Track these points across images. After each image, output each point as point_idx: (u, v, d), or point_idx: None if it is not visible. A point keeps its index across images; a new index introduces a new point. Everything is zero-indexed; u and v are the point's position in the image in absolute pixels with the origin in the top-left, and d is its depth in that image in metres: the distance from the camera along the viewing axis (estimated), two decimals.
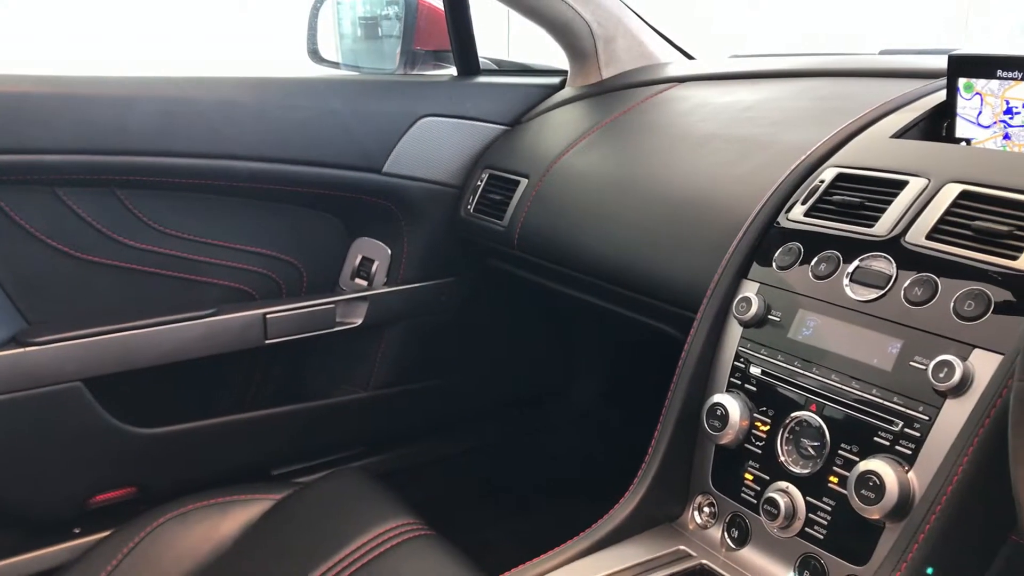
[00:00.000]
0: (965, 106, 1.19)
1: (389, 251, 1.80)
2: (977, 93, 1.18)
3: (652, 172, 1.48)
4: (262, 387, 1.79)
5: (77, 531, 1.61)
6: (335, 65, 1.97)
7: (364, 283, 1.81)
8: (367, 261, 1.81)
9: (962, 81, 1.19)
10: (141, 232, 1.61)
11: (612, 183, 1.52)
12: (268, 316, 1.66)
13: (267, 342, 1.67)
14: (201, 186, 1.62)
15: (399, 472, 1.88)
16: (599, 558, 1.07)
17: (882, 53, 1.73)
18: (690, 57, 1.97)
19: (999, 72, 1.15)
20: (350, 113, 1.68)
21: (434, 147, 1.77)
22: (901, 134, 1.21)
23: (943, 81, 1.23)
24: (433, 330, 1.87)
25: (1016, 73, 1.13)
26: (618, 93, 1.79)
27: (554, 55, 1.92)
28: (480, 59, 1.92)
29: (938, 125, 1.24)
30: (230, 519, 1.49)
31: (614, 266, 1.44)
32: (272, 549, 1.43)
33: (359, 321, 1.76)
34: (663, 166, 1.47)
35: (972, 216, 0.99)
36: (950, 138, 1.22)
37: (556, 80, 1.94)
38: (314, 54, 1.99)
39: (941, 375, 0.91)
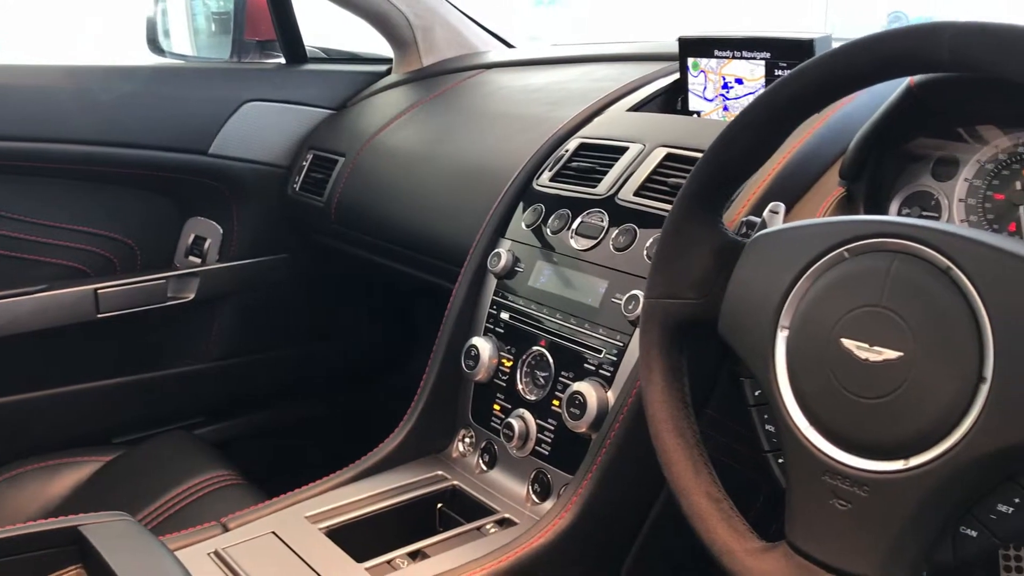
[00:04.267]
0: (694, 82, 1.36)
1: (221, 230, 1.91)
2: (702, 71, 1.35)
3: (448, 148, 1.62)
4: (102, 360, 1.87)
5: None
6: (162, 53, 2.06)
7: (198, 261, 1.91)
8: (200, 239, 1.92)
9: (691, 60, 1.36)
10: None
11: (416, 159, 1.66)
12: (99, 291, 1.76)
13: (99, 316, 1.76)
14: (30, 168, 1.71)
15: (239, 439, 1.99)
16: (364, 483, 1.20)
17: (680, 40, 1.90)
18: (510, 45, 2.12)
19: (716, 52, 1.32)
20: (173, 98, 1.79)
21: (260, 130, 1.88)
22: (638, 108, 1.37)
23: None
24: (269, 304, 1.99)
25: (728, 52, 1.30)
26: (434, 79, 1.93)
27: None
28: (308, 48, 2.04)
29: (676, 99, 1.41)
30: (59, 480, 1.59)
31: (413, 234, 1.58)
32: (98, 505, 1.53)
33: (191, 296, 1.87)
34: (458, 142, 1.62)
35: (670, 174, 1.16)
36: (684, 111, 1.38)
37: (383, 68, 2.07)
38: (152, 43, 2.08)
39: (630, 307, 1.07)
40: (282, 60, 2.04)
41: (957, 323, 0.65)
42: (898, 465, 0.68)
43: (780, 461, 0.79)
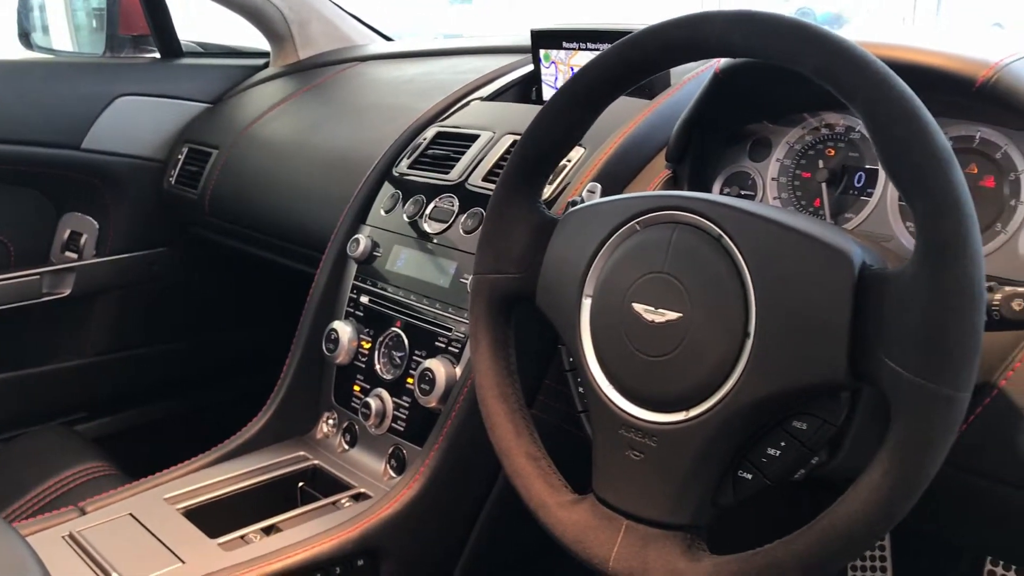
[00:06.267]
0: (546, 73, 1.42)
1: (97, 224, 1.90)
2: (553, 62, 1.41)
3: (318, 138, 1.65)
4: None
5: None
6: (31, 47, 2.04)
7: (74, 256, 1.90)
8: (76, 235, 1.91)
9: (542, 52, 1.42)
10: None
11: (287, 149, 1.69)
12: None
13: None
14: None
15: (122, 434, 1.98)
16: (226, 465, 1.23)
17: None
18: (388, 39, 2.16)
19: (564, 44, 1.38)
20: (43, 93, 1.78)
21: (134, 124, 1.88)
22: (494, 97, 1.43)
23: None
24: (150, 298, 1.99)
25: (575, 44, 1.36)
26: (309, 71, 1.96)
27: None
28: (184, 42, 2.05)
29: (531, 89, 1.47)
30: None
31: (281, 223, 1.61)
32: None
33: (68, 291, 1.86)
34: (328, 132, 1.65)
35: None
36: (539, 100, 1.44)
37: (261, 61, 2.08)
38: (23, 37, 2.06)
39: None
40: (158, 55, 2.04)
41: (726, 285, 0.72)
42: (680, 416, 0.74)
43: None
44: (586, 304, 0.82)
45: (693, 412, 0.73)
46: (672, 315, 0.75)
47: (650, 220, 0.79)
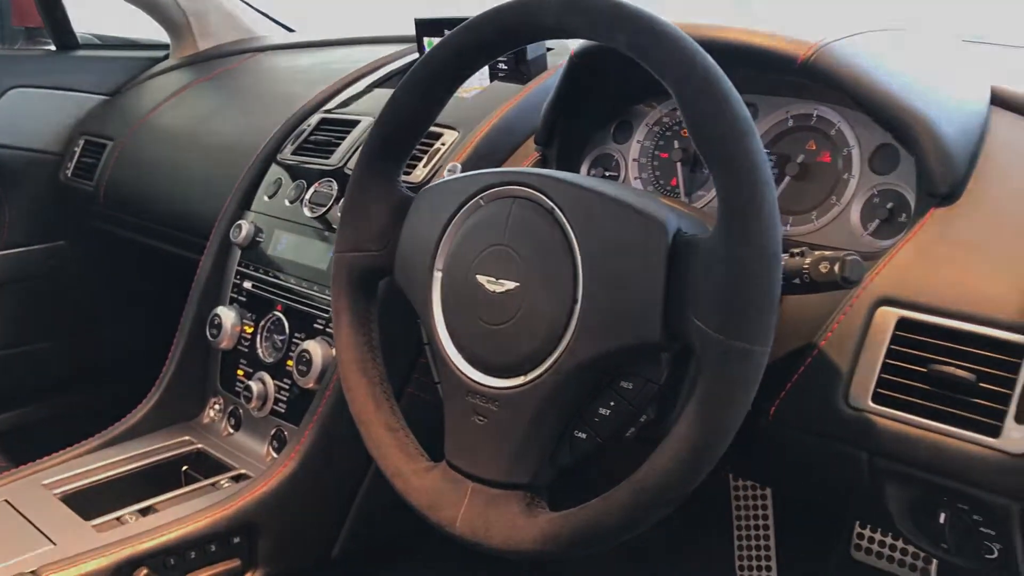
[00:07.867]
0: None
1: None
2: None
3: (211, 127, 1.65)
4: None
5: None
6: None
7: None
8: None
9: (427, 40, 1.44)
10: None
11: (181, 139, 1.69)
12: None
13: None
14: None
15: (20, 429, 1.96)
16: (109, 451, 1.24)
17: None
18: (290, 30, 2.16)
19: (446, 31, 1.40)
20: None
21: (28, 117, 1.86)
22: (380, 84, 1.45)
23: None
24: (48, 293, 1.96)
25: None
26: (208, 62, 1.95)
27: None
28: (82, 34, 2.03)
29: None
30: None
31: (173, 212, 1.61)
32: None
33: None
34: (222, 121, 1.65)
35: None
36: None
37: (161, 53, 2.07)
38: None
39: None
40: (53, 47, 2.02)
41: (557, 255, 0.76)
42: (519, 380, 0.77)
43: None
44: (437, 278, 0.85)
45: (530, 376, 0.77)
46: (511, 285, 0.78)
47: (492, 195, 0.82)
